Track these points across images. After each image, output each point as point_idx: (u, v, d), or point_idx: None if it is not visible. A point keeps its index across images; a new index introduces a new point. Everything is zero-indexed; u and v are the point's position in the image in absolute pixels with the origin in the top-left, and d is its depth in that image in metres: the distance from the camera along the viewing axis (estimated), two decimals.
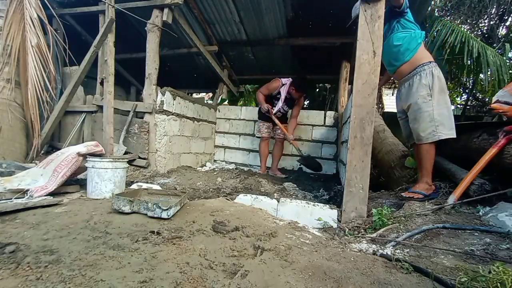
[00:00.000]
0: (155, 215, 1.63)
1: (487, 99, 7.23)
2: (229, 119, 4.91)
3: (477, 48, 4.05)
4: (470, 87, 7.03)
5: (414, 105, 2.12)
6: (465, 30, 5.00)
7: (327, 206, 2.05)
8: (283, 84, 3.74)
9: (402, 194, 2.17)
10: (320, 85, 7.21)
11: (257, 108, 4.08)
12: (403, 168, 2.73)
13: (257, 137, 4.31)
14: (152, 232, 1.44)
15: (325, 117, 4.46)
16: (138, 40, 4.42)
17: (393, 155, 3.02)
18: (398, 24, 2.21)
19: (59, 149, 2.81)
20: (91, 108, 3.63)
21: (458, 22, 6.20)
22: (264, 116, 3.90)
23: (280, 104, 3.79)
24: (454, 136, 2.03)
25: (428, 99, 2.04)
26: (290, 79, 3.77)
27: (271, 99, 3.85)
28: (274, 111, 3.79)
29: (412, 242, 1.51)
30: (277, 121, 3.78)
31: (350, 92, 2.95)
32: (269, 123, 3.93)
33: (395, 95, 8.57)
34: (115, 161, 2.19)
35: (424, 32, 2.22)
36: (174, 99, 3.53)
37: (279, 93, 3.78)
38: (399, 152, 2.97)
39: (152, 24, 3.29)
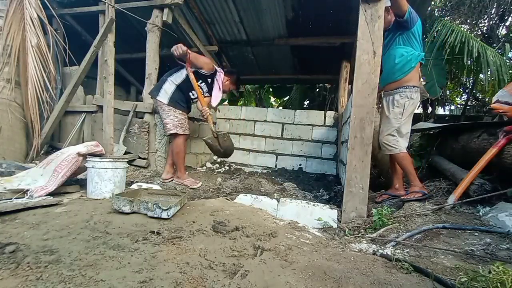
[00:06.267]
0: (155, 215, 1.63)
1: (487, 99, 7.24)
2: (229, 119, 4.91)
3: (477, 48, 4.05)
4: (470, 87, 7.03)
5: (386, 118, 2.32)
6: (465, 30, 5.00)
7: (327, 206, 2.05)
8: (216, 70, 3.03)
9: (402, 198, 2.21)
10: (320, 85, 7.22)
11: (257, 108, 3.85)
12: None
13: (170, 134, 2.89)
14: (152, 232, 1.44)
15: (325, 117, 4.46)
16: (138, 40, 4.42)
17: None
18: (401, 37, 2.25)
19: (59, 149, 2.81)
20: (91, 108, 3.63)
21: (458, 22, 6.20)
22: (185, 102, 2.95)
23: (205, 88, 3.04)
24: (405, 152, 2.29)
25: (399, 117, 2.26)
26: (220, 68, 3.13)
27: (198, 77, 2.94)
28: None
29: (412, 242, 1.51)
30: (198, 90, 2.85)
31: (350, 92, 2.95)
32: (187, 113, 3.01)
33: None
34: (115, 161, 2.19)
35: (423, 54, 2.29)
36: None
37: (211, 77, 3.01)
38: None
39: (152, 24, 3.29)
